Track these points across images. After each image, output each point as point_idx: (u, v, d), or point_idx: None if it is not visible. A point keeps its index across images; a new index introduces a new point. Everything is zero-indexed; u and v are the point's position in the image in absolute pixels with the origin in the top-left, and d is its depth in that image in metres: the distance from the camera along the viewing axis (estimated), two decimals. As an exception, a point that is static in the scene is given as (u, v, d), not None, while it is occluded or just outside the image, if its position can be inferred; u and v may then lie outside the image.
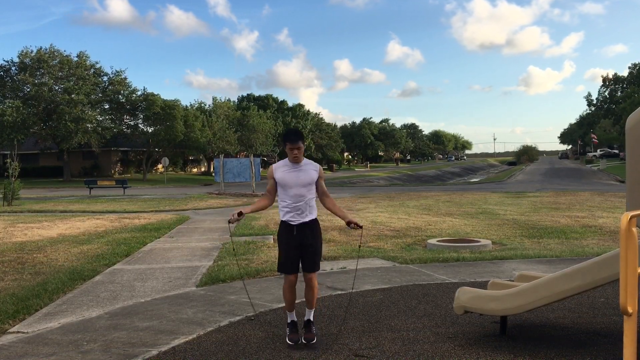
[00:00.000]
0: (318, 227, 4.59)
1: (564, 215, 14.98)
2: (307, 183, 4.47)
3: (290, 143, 4.41)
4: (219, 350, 4.47)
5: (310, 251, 4.47)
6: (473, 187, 33.47)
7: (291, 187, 4.45)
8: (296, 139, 4.43)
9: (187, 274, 7.67)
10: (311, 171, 4.52)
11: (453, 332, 4.83)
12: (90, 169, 52.81)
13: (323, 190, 4.61)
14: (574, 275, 4.06)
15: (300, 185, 4.45)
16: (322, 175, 4.61)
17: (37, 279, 7.38)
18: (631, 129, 4.09)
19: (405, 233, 11.78)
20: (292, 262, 4.47)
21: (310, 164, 4.58)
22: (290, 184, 4.45)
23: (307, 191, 4.48)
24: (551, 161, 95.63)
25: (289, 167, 4.50)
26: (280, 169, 4.52)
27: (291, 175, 4.46)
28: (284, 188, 4.48)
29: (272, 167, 4.59)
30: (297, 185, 4.45)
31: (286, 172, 4.48)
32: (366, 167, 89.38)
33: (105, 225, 13.84)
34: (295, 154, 4.43)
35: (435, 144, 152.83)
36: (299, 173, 4.47)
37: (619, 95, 75.56)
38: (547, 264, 7.99)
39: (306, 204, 4.47)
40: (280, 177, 4.47)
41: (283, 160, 4.58)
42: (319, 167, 4.63)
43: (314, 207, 4.55)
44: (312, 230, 4.51)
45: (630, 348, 3.08)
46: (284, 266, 4.51)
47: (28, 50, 45.23)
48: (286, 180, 4.45)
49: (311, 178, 4.49)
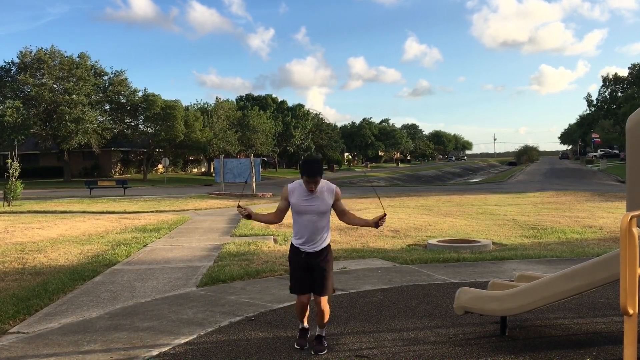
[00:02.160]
0: (330, 253, 4.45)
1: (564, 215, 14.98)
2: (322, 211, 4.31)
3: (308, 177, 4.18)
4: (219, 350, 4.47)
5: (320, 275, 4.34)
6: (473, 188, 33.47)
7: (305, 214, 4.29)
8: (314, 174, 4.18)
9: (187, 274, 7.67)
10: (327, 199, 4.32)
11: (453, 332, 4.83)
12: (90, 169, 52.81)
13: (342, 210, 4.44)
14: (574, 275, 4.06)
15: (314, 214, 4.29)
16: (339, 198, 4.40)
17: (37, 279, 7.39)
18: (631, 129, 4.09)
19: (405, 233, 11.78)
20: (302, 284, 4.37)
21: (326, 188, 4.34)
22: (304, 210, 4.29)
23: (321, 218, 4.32)
24: (551, 161, 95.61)
25: (304, 192, 4.28)
26: (295, 193, 4.32)
27: (307, 203, 4.28)
28: (297, 214, 4.33)
29: (287, 188, 4.39)
30: (312, 213, 4.28)
31: (301, 198, 4.29)
32: (366, 168, 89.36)
33: (106, 225, 13.84)
34: (312, 187, 4.23)
35: (435, 144, 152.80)
36: (315, 200, 4.28)
37: (619, 96, 75.50)
38: (547, 264, 7.99)
39: (319, 231, 4.32)
40: (295, 203, 4.30)
41: (298, 182, 4.35)
42: (335, 189, 4.40)
43: (328, 234, 4.41)
44: (323, 258, 4.37)
45: (630, 348, 3.08)
46: (294, 288, 4.41)
47: (28, 51, 45.24)
48: (300, 207, 4.29)
49: (327, 205, 4.32)
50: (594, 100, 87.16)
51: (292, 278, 4.44)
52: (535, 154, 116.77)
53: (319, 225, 4.32)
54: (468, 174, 78.82)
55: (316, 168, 4.20)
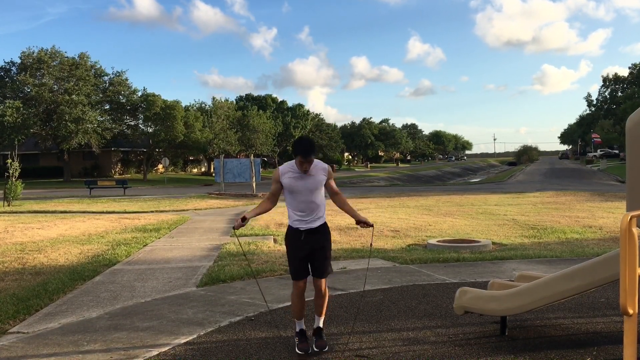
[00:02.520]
0: (327, 230, 4.44)
1: (564, 215, 14.98)
2: (316, 188, 4.31)
3: (302, 157, 4.18)
4: (219, 350, 4.47)
5: (319, 256, 4.32)
6: (473, 188, 33.47)
7: (299, 193, 4.28)
8: (308, 153, 4.18)
9: (187, 274, 7.67)
10: (320, 175, 4.32)
11: (453, 332, 4.83)
12: (90, 169, 52.82)
13: (333, 189, 4.43)
14: (574, 275, 4.06)
15: (309, 191, 4.28)
16: (331, 176, 4.40)
17: (37, 279, 7.39)
18: (631, 129, 4.09)
19: (405, 233, 11.78)
20: (301, 268, 4.32)
21: (318, 166, 4.35)
22: (298, 189, 4.28)
23: (316, 196, 4.32)
24: (551, 161, 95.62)
25: (296, 173, 4.30)
26: (287, 174, 4.32)
27: (299, 181, 4.28)
28: (291, 194, 4.32)
29: (278, 169, 4.39)
30: (306, 191, 4.28)
31: (294, 178, 4.29)
32: (366, 167, 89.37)
33: (106, 225, 13.84)
34: (305, 167, 4.23)
35: (435, 144, 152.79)
36: (308, 179, 4.28)
37: (619, 96, 75.49)
38: (547, 264, 7.99)
39: (315, 209, 4.32)
40: (288, 183, 4.30)
41: (290, 163, 4.37)
42: (328, 167, 4.41)
43: (323, 211, 4.40)
44: (322, 235, 4.36)
45: (630, 348, 3.08)
46: (295, 272, 4.35)
47: (30, 52, 45.27)
48: (294, 186, 4.28)
49: (320, 182, 4.32)
50: (593, 100, 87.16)
51: (291, 263, 4.36)
52: (535, 154, 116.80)
53: (315, 201, 4.31)
54: (468, 174, 78.82)
55: (310, 147, 4.19)
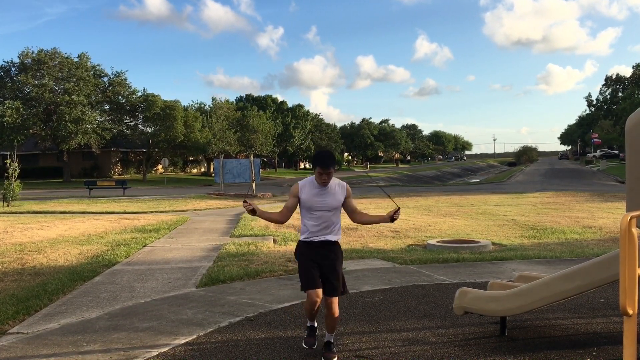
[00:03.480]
0: (340, 250, 4.35)
1: (564, 215, 14.99)
2: (334, 207, 4.23)
3: (321, 167, 4.09)
4: (219, 350, 4.47)
5: (331, 273, 4.22)
6: (473, 188, 33.47)
7: (317, 210, 4.20)
8: (328, 164, 4.09)
9: (186, 275, 7.67)
10: (338, 194, 4.25)
11: (453, 332, 4.83)
12: (90, 169, 52.80)
13: (353, 208, 4.34)
14: (574, 275, 4.06)
15: (327, 209, 4.21)
16: (349, 195, 4.32)
17: (37, 280, 7.38)
18: (631, 130, 4.09)
19: (405, 234, 11.78)
20: (315, 279, 4.17)
21: (338, 185, 4.28)
22: (316, 207, 4.20)
23: (333, 215, 4.24)
24: (551, 162, 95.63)
25: (315, 188, 4.22)
26: (306, 190, 4.23)
27: (318, 198, 4.20)
28: (308, 210, 4.24)
29: (297, 185, 4.30)
30: (324, 209, 4.21)
31: (312, 194, 4.21)
32: (366, 168, 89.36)
33: (105, 226, 13.83)
34: (325, 179, 4.14)
35: (435, 144, 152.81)
36: (326, 197, 4.20)
37: (619, 96, 75.50)
38: (547, 264, 7.99)
39: (331, 227, 4.25)
40: (306, 200, 4.21)
41: (309, 179, 4.27)
42: (346, 186, 4.33)
43: (339, 230, 4.33)
44: (333, 252, 4.27)
45: (630, 348, 3.08)
46: (306, 283, 4.19)
47: (29, 51, 45.26)
48: (312, 203, 4.20)
49: (338, 201, 4.24)
50: (594, 101, 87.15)
51: (303, 274, 4.23)
52: (535, 155, 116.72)
53: (331, 221, 4.24)
54: (467, 175, 78.83)
55: (330, 159, 4.13)
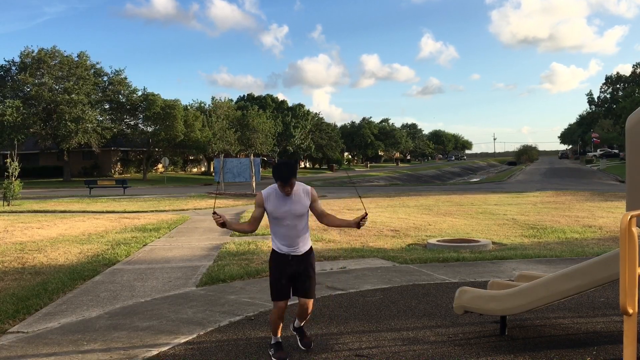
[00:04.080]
0: (312, 256, 4.36)
1: (564, 215, 14.99)
2: (301, 213, 4.20)
3: (282, 182, 4.07)
4: (219, 350, 4.47)
5: (304, 279, 4.26)
6: (473, 187, 33.46)
7: (284, 219, 4.17)
8: (288, 178, 4.07)
9: (187, 274, 7.67)
10: (303, 200, 4.21)
11: (453, 332, 4.84)
12: (90, 168, 52.79)
13: (320, 212, 4.32)
14: (574, 275, 4.06)
15: (293, 217, 4.18)
16: (315, 199, 4.28)
17: (37, 279, 7.39)
18: (631, 129, 4.09)
19: (405, 233, 11.78)
20: (284, 289, 4.23)
21: (301, 190, 4.23)
22: (282, 215, 4.16)
23: (300, 221, 4.22)
24: (551, 161, 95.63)
25: (280, 197, 4.18)
26: (271, 199, 4.19)
27: (284, 208, 4.16)
28: (275, 220, 4.20)
29: (260, 194, 4.24)
30: (291, 217, 4.17)
31: (278, 203, 4.17)
32: (366, 167, 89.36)
33: (105, 225, 13.84)
34: (287, 191, 4.12)
35: (435, 144, 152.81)
36: (292, 204, 4.17)
37: (619, 95, 75.44)
38: (547, 264, 7.99)
39: (299, 235, 4.23)
40: (272, 210, 4.18)
41: (272, 187, 4.22)
42: (310, 190, 4.29)
43: (308, 236, 4.33)
44: (306, 261, 4.28)
45: (630, 348, 3.08)
46: (277, 294, 4.23)
47: (30, 51, 45.27)
48: (278, 212, 4.16)
49: (305, 207, 4.22)
50: (595, 99, 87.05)
51: (273, 284, 4.25)
52: (535, 154, 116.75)
53: (299, 228, 4.22)
54: (468, 174, 78.79)
55: (290, 172, 4.08)
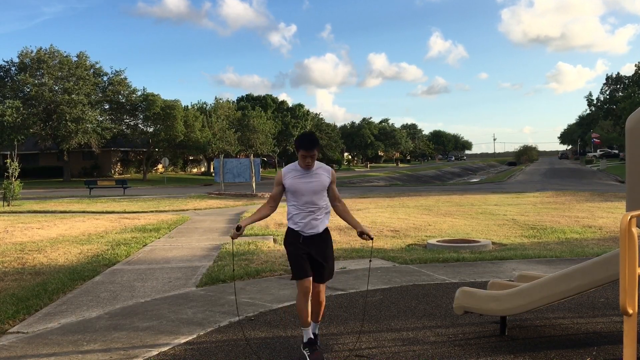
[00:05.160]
0: (329, 237, 4.30)
1: (564, 215, 14.98)
2: (319, 190, 4.16)
3: (305, 150, 4.07)
4: (219, 350, 4.47)
5: (322, 259, 4.18)
6: (473, 188, 33.47)
7: (303, 195, 4.14)
8: (312, 146, 4.08)
9: (187, 274, 7.67)
10: (324, 176, 4.20)
11: (453, 332, 4.84)
12: (90, 169, 52.81)
13: (335, 195, 4.30)
14: (574, 275, 4.06)
15: (312, 193, 4.14)
16: (334, 180, 4.28)
17: (37, 279, 7.38)
18: (631, 129, 4.09)
19: (405, 233, 11.78)
20: (305, 264, 4.11)
21: (322, 168, 4.25)
22: (301, 191, 4.13)
23: (319, 198, 4.17)
24: (551, 161, 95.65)
25: (299, 173, 4.17)
26: (290, 175, 4.18)
27: (302, 181, 4.14)
28: (294, 195, 4.17)
29: (281, 171, 4.24)
30: (309, 193, 4.14)
31: (297, 178, 4.15)
32: (366, 167, 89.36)
33: (105, 225, 13.84)
34: (308, 162, 4.11)
35: (435, 144, 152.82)
36: (311, 179, 4.15)
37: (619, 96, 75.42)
38: (547, 264, 7.99)
39: (317, 213, 4.17)
40: (291, 184, 4.15)
41: (292, 165, 4.25)
42: (331, 170, 4.31)
43: (327, 215, 4.26)
44: (324, 241, 4.22)
45: (630, 348, 3.08)
46: (298, 272, 4.11)
47: (28, 51, 45.26)
48: (297, 187, 4.14)
49: (323, 184, 4.18)
50: (594, 100, 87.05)
51: (294, 263, 4.15)
52: (535, 154, 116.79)
53: (319, 204, 4.17)
54: (468, 174, 78.79)
55: (314, 141, 4.12)
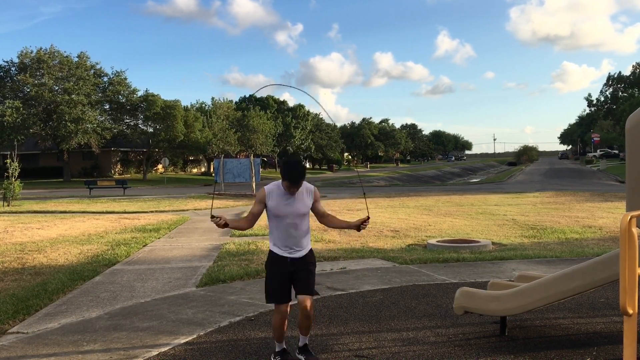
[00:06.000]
0: (312, 257, 4.19)
1: (564, 215, 14.98)
2: (303, 213, 4.07)
3: (290, 183, 3.95)
4: (219, 350, 4.47)
5: (305, 275, 4.06)
6: (473, 188, 33.46)
7: (285, 217, 4.03)
8: (297, 181, 3.95)
9: (187, 275, 7.67)
10: (306, 199, 4.09)
11: (453, 332, 4.83)
12: (90, 169, 52.79)
13: (322, 212, 4.22)
14: (574, 275, 4.06)
15: (295, 216, 4.04)
16: (317, 199, 4.17)
17: (37, 279, 7.38)
18: (631, 130, 4.09)
19: (405, 233, 11.78)
20: (284, 290, 4.02)
21: (305, 189, 4.10)
22: (285, 214, 4.02)
23: (302, 220, 4.08)
24: (551, 161, 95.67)
25: (283, 195, 4.04)
26: (273, 196, 4.05)
27: (286, 205, 4.03)
28: (276, 218, 4.05)
29: (263, 190, 4.09)
30: (293, 216, 4.04)
31: (280, 201, 4.03)
32: (366, 167, 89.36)
33: (105, 225, 13.83)
34: (293, 191, 4.01)
35: (435, 144, 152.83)
36: (295, 203, 4.04)
37: (619, 96, 75.42)
38: (547, 264, 7.99)
39: (300, 235, 4.07)
40: (274, 207, 4.03)
41: (276, 184, 4.11)
42: (313, 189, 4.18)
43: (309, 237, 4.18)
44: (306, 262, 4.11)
45: (630, 348, 3.08)
46: (274, 295, 4.02)
47: (28, 51, 45.26)
48: (280, 210, 4.02)
49: (307, 207, 4.10)
50: (593, 100, 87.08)
51: (271, 286, 4.07)
52: (535, 154, 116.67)
53: (301, 229, 4.08)
54: (467, 174, 78.77)
55: (300, 173, 3.96)
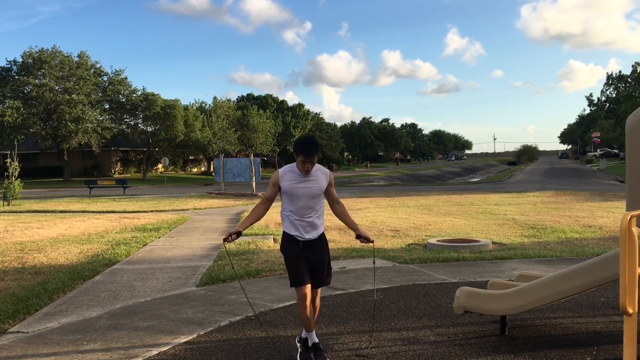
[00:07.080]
0: (326, 242, 4.22)
1: (564, 215, 14.98)
2: (317, 194, 4.09)
3: (304, 156, 3.97)
4: (219, 350, 4.47)
5: (320, 264, 4.13)
6: (473, 187, 33.45)
7: (300, 199, 4.05)
8: (312, 153, 3.98)
9: (187, 274, 7.67)
10: (322, 180, 4.11)
11: (453, 332, 4.83)
12: (90, 168, 52.81)
13: (333, 197, 4.24)
14: (574, 275, 4.06)
15: (309, 197, 4.06)
16: (332, 182, 4.20)
17: (37, 279, 7.39)
18: (631, 129, 4.09)
19: (405, 233, 11.78)
20: (304, 272, 4.04)
21: (320, 171, 4.14)
22: (299, 195, 4.04)
23: (316, 202, 4.09)
24: (551, 161, 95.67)
25: (297, 176, 4.07)
26: (287, 177, 4.07)
27: (300, 185, 4.04)
28: (290, 199, 4.07)
29: (278, 172, 4.13)
30: (307, 197, 4.05)
31: (294, 181, 4.05)
32: (366, 167, 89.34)
33: (106, 225, 13.84)
34: (308, 167, 4.02)
35: (435, 144, 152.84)
36: (309, 183, 4.05)
37: (620, 95, 75.41)
38: (547, 264, 7.99)
39: (314, 217, 4.09)
40: (288, 187, 4.04)
41: (290, 166, 4.14)
42: (329, 172, 4.22)
43: (322, 220, 4.19)
44: (320, 247, 4.15)
45: (630, 348, 3.08)
46: (296, 279, 4.03)
47: (32, 51, 45.29)
48: (295, 191, 4.04)
49: (321, 188, 4.10)
50: (594, 100, 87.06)
51: (291, 269, 4.06)
52: (535, 154, 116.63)
53: (315, 208, 4.10)
54: (468, 174, 78.76)
55: (314, 147, 4.01)
